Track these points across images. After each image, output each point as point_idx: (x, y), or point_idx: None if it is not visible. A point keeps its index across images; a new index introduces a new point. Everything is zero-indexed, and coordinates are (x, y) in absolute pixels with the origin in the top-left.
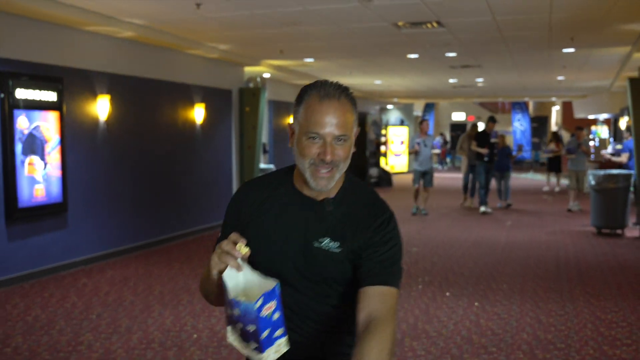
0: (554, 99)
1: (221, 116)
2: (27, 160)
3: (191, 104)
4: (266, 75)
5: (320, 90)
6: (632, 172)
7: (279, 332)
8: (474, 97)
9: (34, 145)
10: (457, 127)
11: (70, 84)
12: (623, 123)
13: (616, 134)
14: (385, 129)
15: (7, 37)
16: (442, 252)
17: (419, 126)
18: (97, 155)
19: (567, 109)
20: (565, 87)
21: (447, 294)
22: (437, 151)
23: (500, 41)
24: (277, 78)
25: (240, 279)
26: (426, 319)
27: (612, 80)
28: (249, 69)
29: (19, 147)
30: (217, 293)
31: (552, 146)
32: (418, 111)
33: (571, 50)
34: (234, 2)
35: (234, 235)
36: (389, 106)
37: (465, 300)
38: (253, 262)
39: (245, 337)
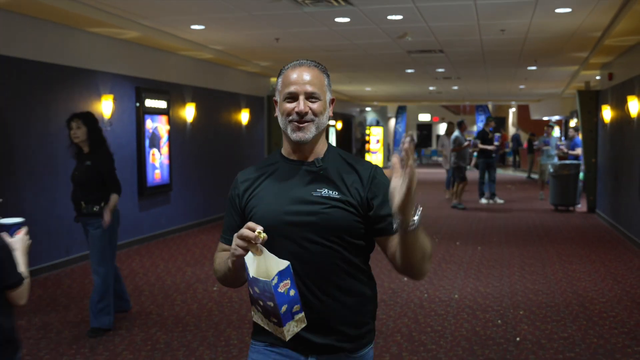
0: (513, 102)
1: (257, 119)
2: (151, 152)
3: (239, 109)
4: None
5: (294, 64)
6: (580, 162)
7: (296, 308)
8: (443, 100)
9: (154, 140)
10: (423, 127)
11: (172, 95)
12: (572, 124)
13: (566, 133)
14: (369, 129)
15: (138, 61)
16: (442, 222)
17: (458, 126)
18: (186, 148)
19: (522, 110)
20: (524, 93)
21: (457, 243)
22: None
23: (481, 62)
24: None
25: (258, 260)
26: (449, 254)
27: (564, 88)
28: (274, 79)
29: (147, 142)
30: (235, 276)
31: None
32: (391, 113)
33: (534, 68)
34: (303, 37)
35: (251, 224)
36: (367, 108)
37: (470, 246)
38: (265, 232)
39: (266, 313)
